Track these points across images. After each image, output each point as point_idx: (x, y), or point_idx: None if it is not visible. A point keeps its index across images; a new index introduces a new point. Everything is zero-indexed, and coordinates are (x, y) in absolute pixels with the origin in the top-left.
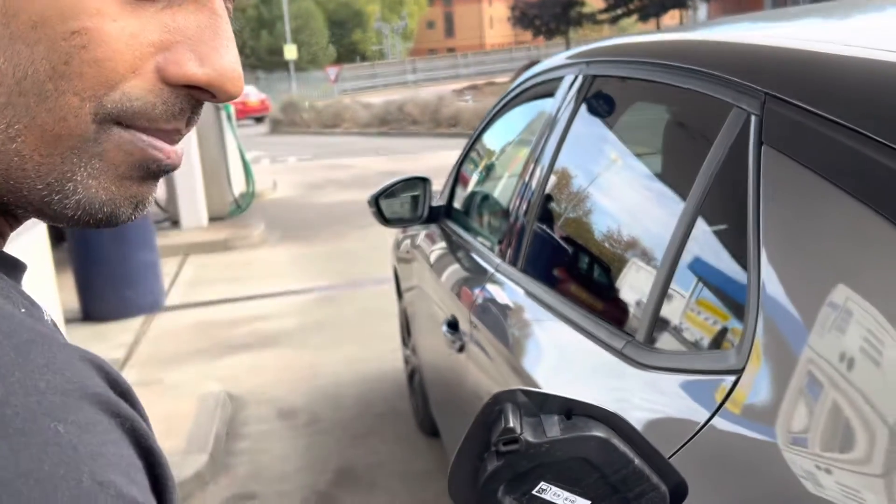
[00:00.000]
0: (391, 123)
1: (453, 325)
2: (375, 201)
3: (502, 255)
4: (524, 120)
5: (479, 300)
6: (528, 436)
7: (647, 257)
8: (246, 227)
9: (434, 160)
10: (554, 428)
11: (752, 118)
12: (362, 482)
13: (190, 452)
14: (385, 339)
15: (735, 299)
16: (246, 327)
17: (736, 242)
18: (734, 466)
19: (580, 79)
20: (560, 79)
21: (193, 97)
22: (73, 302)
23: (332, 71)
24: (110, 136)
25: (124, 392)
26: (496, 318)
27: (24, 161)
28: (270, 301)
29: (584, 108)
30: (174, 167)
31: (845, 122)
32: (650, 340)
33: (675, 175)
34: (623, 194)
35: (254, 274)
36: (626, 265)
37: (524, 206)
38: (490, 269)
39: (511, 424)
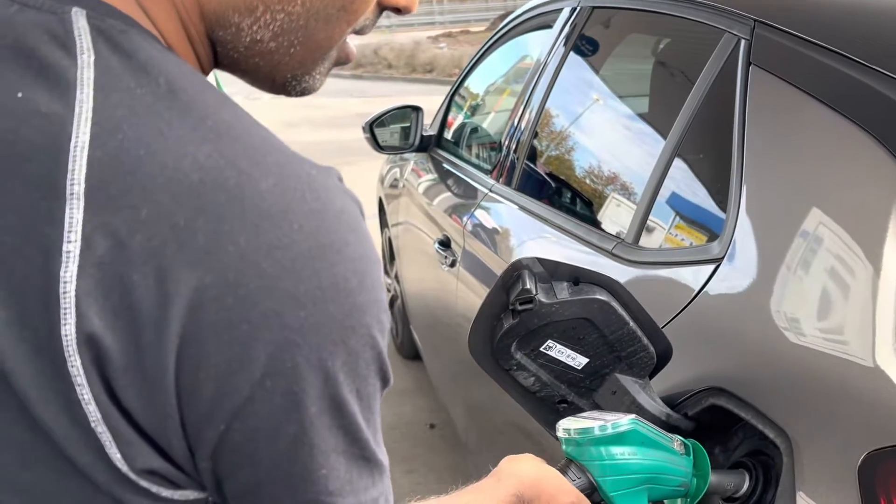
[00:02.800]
0: (366, 66)
1: (445, 243)
2: (370, 127)
3: (497, 178)
4: (521, 51)
5: (473, 217)
6: (542, 297)
7: (638, 168)
8: None
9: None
10: (563, 292)
11: (742, 42)
12: None
13: None
14: None
15: (718, 202)
16: None
17: (722, 152)
18: (717, 334)
19: (579, 9)
20: (559, 10)
21: (382, 10)
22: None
23: None
24: (341, 44)
25: None
26: (490, 231)
27: (290, 61)
28: None
29: (583, 36)
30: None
31: (828, 45)
32: (638, 241)
33: (668, 94)
34: (619, 113)
35: None
36: (619, 176)
37: (521, 129)
38: (484, 190)
39: (528, 286)
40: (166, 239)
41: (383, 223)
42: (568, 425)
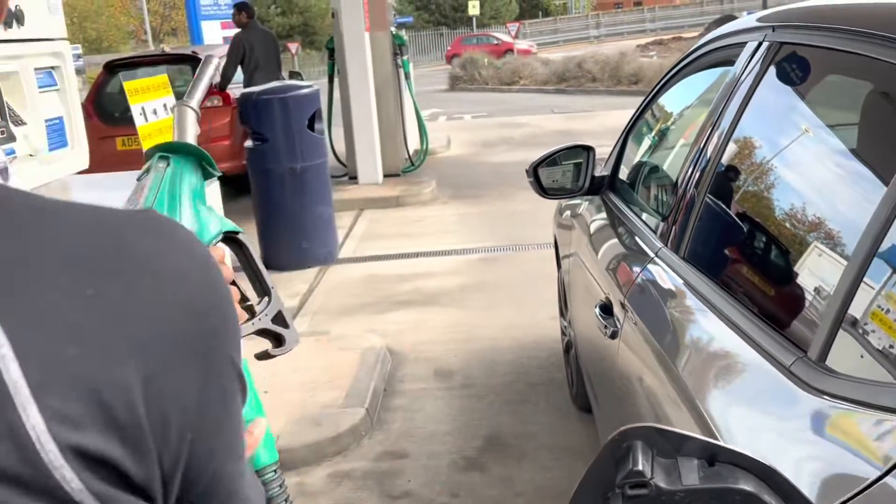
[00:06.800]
0: (569, 80)
1: (606, 309)
2: (534, 171)
3: (664, 238)
4: (699, 88)
5: (635, 286)
6: (661, 481)
7: (833, 251)
8: (418, 184)
9: (610, 119)
10: (692, 475)
11: None
12: (511, 452)
13: (348, 406)
14: (544, 306)
15: None
16: (410, 284)
17: None
18: None
19: (765, 45)
20: (742, 44)
21: None
22: (255, 251)
23: (512, 27)
24: None
25: None
26: (651, 309)
27: None
28: (435, 259)
29: (768, 76)
30: None
31: None
32: (825, 359)
33: (875, 155)
34: (811, 175)
35: (422, 231)
36: (807, 259)
37: (694, 183)
38: (650, 253)
39: (640, 467)
40: None
41: (559, 262)
42: None
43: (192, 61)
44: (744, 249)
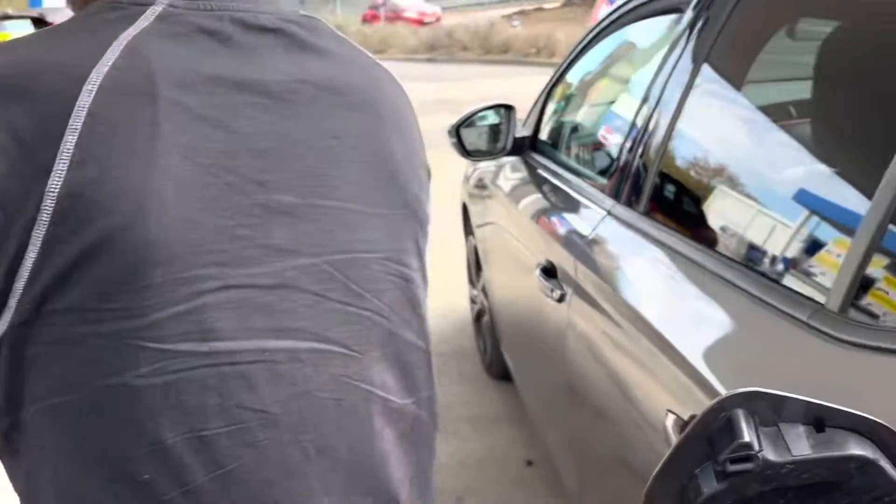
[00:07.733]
0: (439, 49)
1: (549, 272)
2: (456, 131)
3: (615, 195)
4: (644, 35)
5: (588, 247)
6: (769, 453)
7: (845, 196)
8: None
9: (485, 88)
10: (801, 442)
11: None
12: None
13: None
14: (447, 276)
15: None
16: None
17: None
18: None
19: None
20: None
21: None
22: None
23: None
24: None
25: None
26: (614, 271)
27: None
28: None
29: (732, 19)
30: None
31: None
32: (846, 308)
33: (880, 97)
34: (800, 112)
35: None
36: (812, 204)
37: (649, 135)
38: (599, 211)
39: (747, 438)
40: None
41: (467, 230)
42: None
43: (38, 22)
44: (727, 198)
